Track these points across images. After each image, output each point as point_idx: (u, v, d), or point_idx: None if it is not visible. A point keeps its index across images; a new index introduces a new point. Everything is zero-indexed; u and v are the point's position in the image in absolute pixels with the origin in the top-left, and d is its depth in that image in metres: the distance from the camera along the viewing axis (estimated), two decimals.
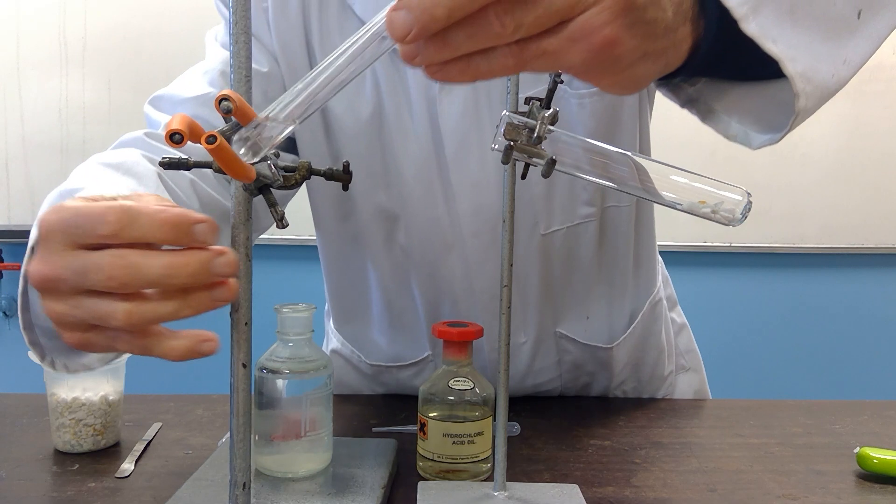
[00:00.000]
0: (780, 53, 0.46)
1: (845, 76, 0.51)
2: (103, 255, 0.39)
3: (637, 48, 0.39)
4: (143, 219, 0.39)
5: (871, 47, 0.53)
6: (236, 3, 0.41)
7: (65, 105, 2.15)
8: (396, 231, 0.83)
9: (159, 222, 0.39)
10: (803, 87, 0.47)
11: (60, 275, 0.40)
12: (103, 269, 0.39)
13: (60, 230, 0.40)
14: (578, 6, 0.36)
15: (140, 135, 0.73)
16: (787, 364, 2.29)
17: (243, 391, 0.44)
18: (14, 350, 2.16)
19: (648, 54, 0.41)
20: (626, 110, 0.78)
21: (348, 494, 0.60)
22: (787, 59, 0.46)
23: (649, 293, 0.91)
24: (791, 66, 0.47)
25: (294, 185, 0.44)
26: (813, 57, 0.48)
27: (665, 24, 0.41)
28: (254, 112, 0.40)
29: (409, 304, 0.87)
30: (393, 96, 0.77)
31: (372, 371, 0.93)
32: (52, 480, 0.68)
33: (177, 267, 0.39)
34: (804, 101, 0.48)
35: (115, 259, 0.39)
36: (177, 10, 2.06)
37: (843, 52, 0.50)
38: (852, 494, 0.67)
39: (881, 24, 0.53)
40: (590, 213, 0.82)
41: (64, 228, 0.40)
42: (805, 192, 2.20)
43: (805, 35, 0.48)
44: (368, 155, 0.79)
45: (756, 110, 0.52)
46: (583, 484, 0.66)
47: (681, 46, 0.43)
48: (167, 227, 0.39)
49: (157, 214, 0.39)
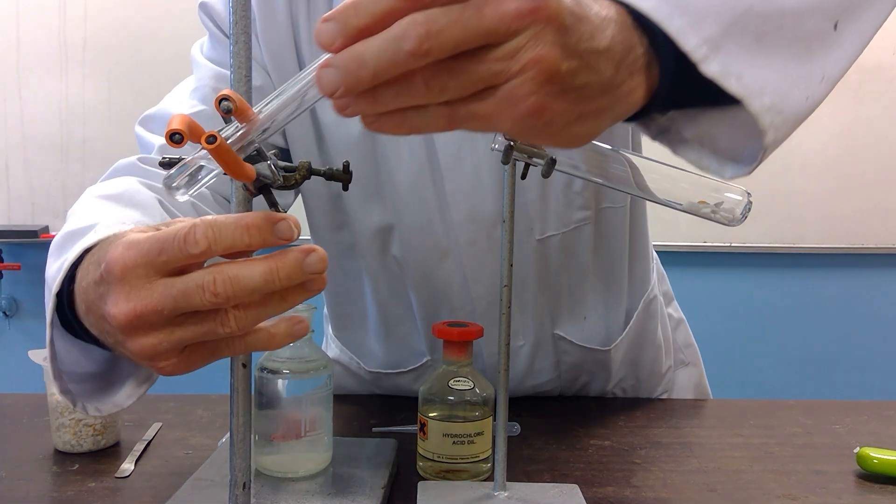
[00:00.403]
0: (743, 91, 0.43)
1: (823, 93, 0.49)
2: (203, 275, 0.40)
3: (569, 111, 0.39)
4: (228, 229, 0.40)
5: (853, 54, 0.51)
6: (236, 3, 0.41)
7: (65, 105, 2.15)
8: (391, 241, 0.83)
9: (244, 228, 0.40)
10: (771, 120, 0.45)
11: (157, 307, 0.40)
12: (207, 289, 0.39)
13: (143, 263, 0.40)
14: (502, 75, 0.36)
15: (134, 160, 0.72)
16: (787, 364, 2.29)
17: (243, 391, 0.44)
18: (14, 350, 2.16)
19: (585, 115, 0.40)
20: None
21: (348, 494, 0.60)
22: (752, 96, 0.44)
23: (644, 291, 0.91)
24: (757, 103, 0.44)
25: (294, 184, 0.44)
26: (785, 83, 0.46)
27: (602, 85, 0.39)
28: (254, 112, 0.40)
29: (406, 312, 0.87)
30: None
31: (371, 377, 0.93)
32: (52, 480, 0.68)
33: (274, 272, 0.40)
34: (773, 135, 0.46)
35: (216, 275, 0.40)
36: (177, 10, 2.07)
37: (819, 70, 0.48)
38: (852, 494, 0.67)
39: (863, 27, 0.51)
40: (585, 216, 0.82)
41: (147, 261, 0.40)
42: (805, 192, 2.20)
43: (776, 61, 0.46)
44: (362, 167, 0.79)
45: (728, 138, 0.49)
46: (583, 484, 0.66)
47: (629, 99, 0.42)
48: (253, 231, 0.40)
49: (240, 221, 0.40)
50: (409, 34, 0.34)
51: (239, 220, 0.40)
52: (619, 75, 0.40)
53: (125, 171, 0.70)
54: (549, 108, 0.37)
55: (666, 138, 0.51)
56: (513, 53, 0.35)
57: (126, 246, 0.41)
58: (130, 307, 0.40)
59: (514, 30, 0.35)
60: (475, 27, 0.34)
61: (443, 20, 0.34)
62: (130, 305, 0.40)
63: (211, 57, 0.79)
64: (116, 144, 2.07)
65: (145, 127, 0.76)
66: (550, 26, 0.35)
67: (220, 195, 0.74)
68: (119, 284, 0.41)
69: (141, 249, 0.41)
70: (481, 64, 0.35)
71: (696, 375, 1.01)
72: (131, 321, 0.41)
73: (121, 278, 0.41)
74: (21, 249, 2.17)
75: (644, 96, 0.43)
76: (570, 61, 0.37)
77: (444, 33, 0.34)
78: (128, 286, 0.41)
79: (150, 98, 0.81)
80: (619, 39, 0.40)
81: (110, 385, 0.54)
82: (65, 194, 2.15)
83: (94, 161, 2.14)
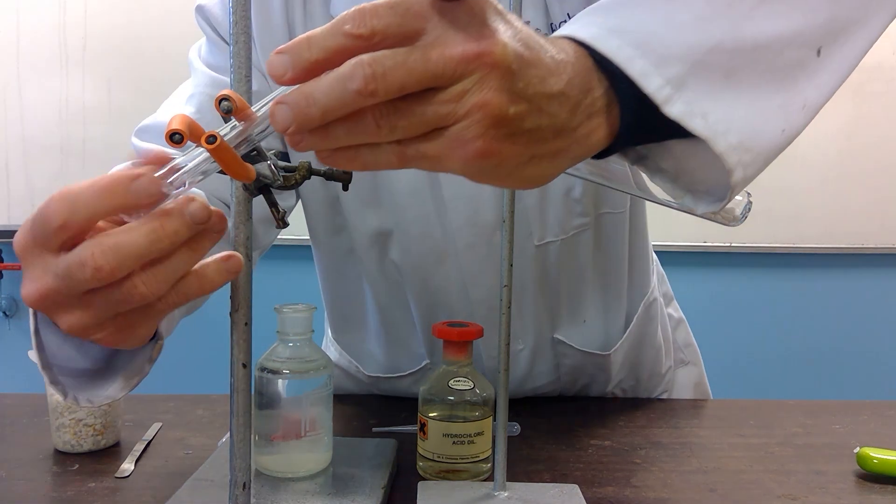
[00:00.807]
0: (706, 131, 0.42)
1: (804, 121, 0.47)
2: (81, 250, 0.38)
3: (520, 154, 0.39)
4: (82, 196, 0.38)
5: (840, 76, 0.49)
6: (236, 4, 0.41)
7: (65, 105, 2.15)
8: (390, 246, 0.83)
9: (98, 191, 0.38)
10: (739, 159, 0.43)
11: (51, 285, 0.39)
12: (86, 264, 0.38)
13: (31, 244, 0.40)
14: (449, 117, 0.36)
15: (128, 165, 0.71)
16: (787, 364, 2.29)
17: (243, 391, 0.44)
18: (14, 350, 2.16)
19: (539, 156, 0.40)
20: None
21: (348, 494, 0.60)
22: (716, 136, 0.42)
23: (644, 294, 0.91)
24: (723, 142, 0.43)
25: (294, 185, 0.44)
26: (758, 118, 0.44)
27: (555, 128, 0.39)
28: (254, 112, 0.40)
29: (405, 316, 0.87)
30: None
31: (370, 381, 0.93)
32: (52, 480, 0.68)
33: (158, 229, 0.38)
34: (741, 173, 0.44)
35: (94, 248, 0.38)
36: (177, 10, 2.07)
37: (800, 99, 0.46)
38: (852, 494, 0.67)
39: (851, 49, 0.49)
40: (584, 223, 0.82)
41: (31, 239, 0.40)
42: (805, 192, 2.20)
43: (747, 95, 0.44)
44: (360, 175, 0.79)
45: (702, 171, 0.47)
46: (583, 484, 0.66)
47: (587, 141, 0.41)
48: (105, 193, 0.38)
49: (94, 185, 0.38)
50: (356, 74, 0.34)
51: (92, 184, 0.38)
52: (576, 118, 0.40)
53: None
54: (498, 151, 0.38)
55: (643, 165, 0.50)
56: (459, 97, 0.36)
57: (21, 228, 0.41)
58: (34, 289, 0.40)
59: (459, 74, 0.35)
60: (421, 70, 0.35)
61: (389, 62, 0.34)
62: (34, 287, 0.40)
63: (208, 61, 0.78)
64: (116, 144, 2.07)
65: (140, 137, 0.75)
66: (496, 71, 0.36)
67: (217, 198, 0.74)
68: (23, 266, 0.41)
69: (25, 228, 0.40)
70: (429, 106, 0.36)
71: (696, 374, 1.01)
72: (39, 302, 0.40)
73: (21, 259, 0.41)
74: None
75: (605, 136, 0.42)
76: (518, 105, 0.37)
77: (390, 75, 0.34)
78: (29, 267, 0.40)
79: (150, 98, 0.81)
80: (575, 83, 0.40)
81: (104, 378, 0.54)
82: None
83: (94, 161, 2.14)
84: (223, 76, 0.76)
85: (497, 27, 0.37)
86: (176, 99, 0.78)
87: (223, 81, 0.75)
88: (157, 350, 0.53)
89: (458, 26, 0.36)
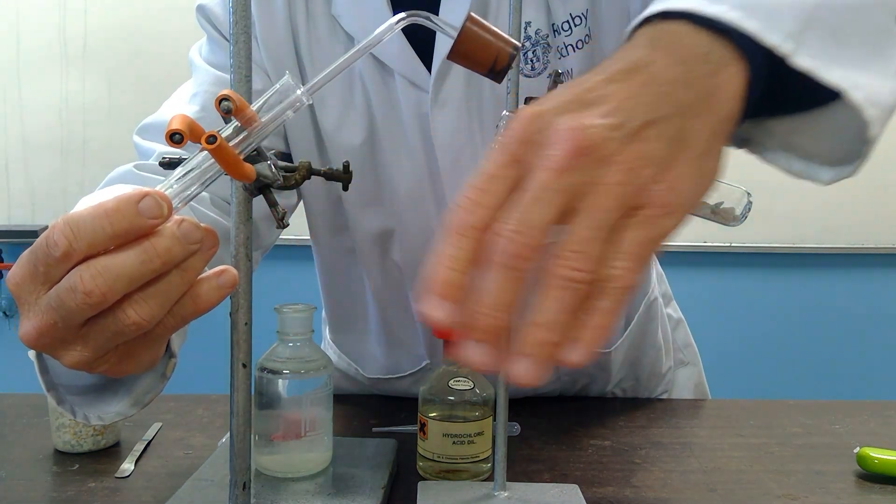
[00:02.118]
0: (841, 82, 0.41)
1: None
2: (71, 276, 0.37)
3: (685, 160, 0.36)
4: (86, 221, 0.37)
5: None
6: (236, 4, 0.41)
7: (65, 105, 2.15)
8: (391, 245, 0.82)
9: (102, 215, 0.37)
10: (871, 112, 0.42)
11: (47, 321, 0.38)
12: (77, 289, 0.36)
13: (28, 278, 0.38)
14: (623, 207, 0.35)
15: (130, 168, 0.70)
16: (787, 364, 2.29)
17: (243, 391, 0.44)
18: (14, 350, 2.16)
19: (692, 149, 0.37)
20: None
21: (348, 494, 0.60)
22: (850, 88, 0.41)
23: (644, 293, 0.91)
24: (855, 95, 0.42)
25: (294, 184, 0.44)
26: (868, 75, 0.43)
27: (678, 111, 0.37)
28: (254, 112, 0.40)
29: (406, 315, 0.87)
30: (385, 114, 0.76)
31: (370, 382, 0.93)
32: (52, 480, 0.68)
33: (149, 250, 0.37)
34: (877, 129, 0.43)
35: (83, 272, 0.36)
36: (177, 9, 2.07)
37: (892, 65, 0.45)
38: (852, 494, 0.67)
39: None
40: None
41: (29, 274, 0.38)
42: (805, 192, 2.17)
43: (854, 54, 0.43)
44: (361, 173, 0.78)
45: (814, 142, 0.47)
46: (583, 484, 0.66)
47: (723, 95, 0.39)
48: (114, 215, 0.37)
49: (98, 209, 0.37)
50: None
51: (97, 209, 0.37)
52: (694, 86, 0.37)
53: (121, 180, 0.69)
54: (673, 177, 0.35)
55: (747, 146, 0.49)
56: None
57: (16, 264, 0.39)
58: (31, 327, 0.38)
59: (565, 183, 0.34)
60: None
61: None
62: (31, 325, 0.38)
63: (210, 60, 0.78)
64: (116, 144, 2.07)
65: (143, 136, 0.75)
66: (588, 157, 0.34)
67: (219, 197, 0.74)
68: (19, 305, 0.39)
69: (21, 263, 0.38)
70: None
71: (695, 375, 1.01)
72: (38, 341, 0.39)
73: (17, 297, 0.39)
74: (21, 249, 2.14)
75: (741, 85, 0.39)
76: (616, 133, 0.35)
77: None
78: (25, 305, 0.39)
79: (150, 98, 0.81)
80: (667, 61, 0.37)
81: (112, 392, 0.53)
82: (65, 194, 2.15)
83: (94, 161, 2.14)
84: (226, 74, 0.76)
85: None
86: (178, 98, 0.78)
87: (226, 79, 0.75)
88: (170, 367, 0.52)
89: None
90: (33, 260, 0.38)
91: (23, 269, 0.38)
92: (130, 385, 0.52)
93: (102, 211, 0.37)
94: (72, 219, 0.37)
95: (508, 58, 0.42)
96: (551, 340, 0.33)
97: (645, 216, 0.35)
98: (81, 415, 0.51)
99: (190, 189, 0.40)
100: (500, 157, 0.35)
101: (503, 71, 0.43)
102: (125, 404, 0.52)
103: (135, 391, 0.52)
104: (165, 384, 0.53)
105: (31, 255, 0.38)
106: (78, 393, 0.51)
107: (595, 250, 0.34)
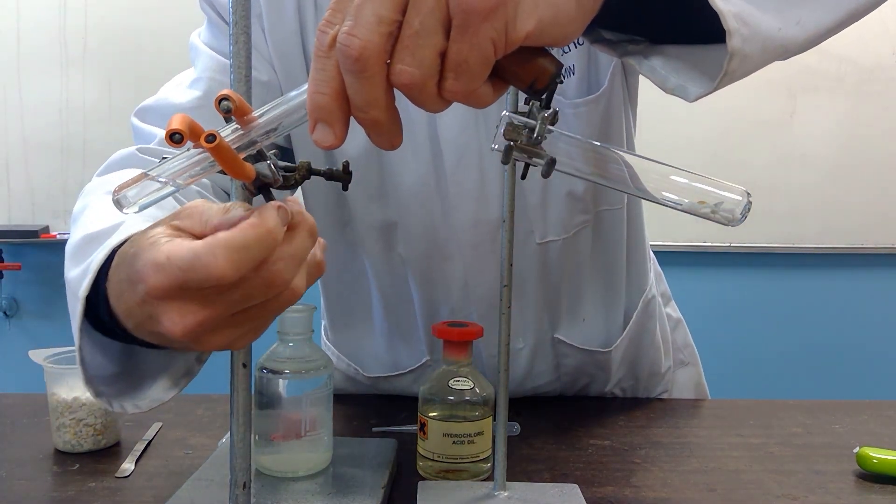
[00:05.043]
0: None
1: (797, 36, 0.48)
2: (265, 271, 0.39)
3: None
4: (250, 246, 0.38)
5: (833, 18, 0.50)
6: (236, 3, 0.41)
7: (65, 105, 2.15)
8: (395, 240, 0.83)
9: (265, 234, 0.38)
10: (737, 26, 0.43)
11: (214, 315, 0.39)
12: (272, 284, 0.39)
13: (178, 285, 0.38)
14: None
15: (133, 151, 0.70)
16: (787, 364, 2.29)
17: (243, 391, 0.44)
18: (14, 350, 2.16)
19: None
20: (615, 117, 0.78)
21: (348, 494, 0.60)
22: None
23: (642, 291, 0.91)
24: (722, 3, 0.43)
25: (294, 184, 0.44)
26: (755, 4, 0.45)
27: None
28: (253, 112, 0.40)
29: (408, 309, 0.87)
30: None
31: (370, 381, 0.93)
32: (52, 480, 0.68)
33: (313, 233, 0.42)
34: (739, 41, 0.44)
35: (278, 265, 0.39)
36: (177, 9, 2.07)
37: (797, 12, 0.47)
38: (852, 494, 0.67)
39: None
40: (585, 220, 0.82)
41: (180, 283, 0.38)
42: (805, 191, 2.20)
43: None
44: (366, 168, 0.78)
45: (695, 63, 0.48)
46: (583, 484, 0.66)
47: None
48: (276, 235, 0.39)
49: (259, 232, 0.38)
50: None
51: (258, 234, 0.38)
52: None
53: (124, 163, 0.70)
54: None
55: (631, 56, 0.51)
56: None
57: (154, 269, 0.38)
58: (190, 321, 0.39)
59: None
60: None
61: None
62: (188, 320, 0.39)
63: (211, 44, 0.77)
64: (116, 144, 2.05)
65: (142, 118, 0.75)
66: None
67: (221, 188, 0.74)
68: (166, 305, 0.39)
69: (169, 274, 0.38)
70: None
71: (695, 375, 1.01)
72: (192, 334, 0.39)
73: (163, 300, 0.39)
74: (21, 249, 2.17)
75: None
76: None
77: None
78: (178, 303, 0.39)
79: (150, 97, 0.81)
80: None
81: (140, 380, 0.53)
82: (65, 194, 2.15)
83: (94, 161, 2.13)
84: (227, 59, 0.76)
85: None
86: (178, 83, 0.77)
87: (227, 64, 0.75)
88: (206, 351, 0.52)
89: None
90: (185, 279, 0.38)
91: (169, 279, 0.38)
92: (160, 371, 0.53)
93: (265, 231, 0.38)
94: (231, 245, 0.38)
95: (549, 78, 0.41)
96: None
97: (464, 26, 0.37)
98: (118, 405, 0.52)
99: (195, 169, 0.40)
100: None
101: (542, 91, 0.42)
102: (159, 388, 0.53)
103: (167, 376, 0.53)
104: (200, 368, 0.54)
105: (182, 274, 0.38)
106: (106, 383, 0.52)
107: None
